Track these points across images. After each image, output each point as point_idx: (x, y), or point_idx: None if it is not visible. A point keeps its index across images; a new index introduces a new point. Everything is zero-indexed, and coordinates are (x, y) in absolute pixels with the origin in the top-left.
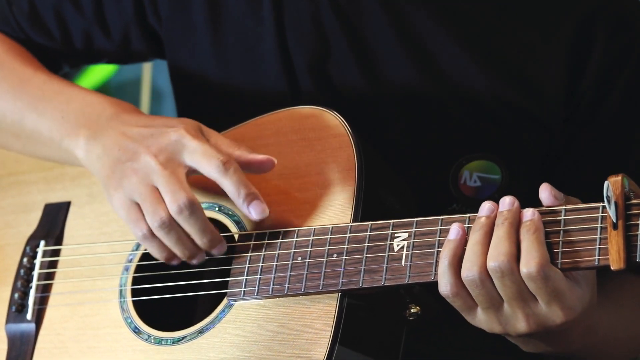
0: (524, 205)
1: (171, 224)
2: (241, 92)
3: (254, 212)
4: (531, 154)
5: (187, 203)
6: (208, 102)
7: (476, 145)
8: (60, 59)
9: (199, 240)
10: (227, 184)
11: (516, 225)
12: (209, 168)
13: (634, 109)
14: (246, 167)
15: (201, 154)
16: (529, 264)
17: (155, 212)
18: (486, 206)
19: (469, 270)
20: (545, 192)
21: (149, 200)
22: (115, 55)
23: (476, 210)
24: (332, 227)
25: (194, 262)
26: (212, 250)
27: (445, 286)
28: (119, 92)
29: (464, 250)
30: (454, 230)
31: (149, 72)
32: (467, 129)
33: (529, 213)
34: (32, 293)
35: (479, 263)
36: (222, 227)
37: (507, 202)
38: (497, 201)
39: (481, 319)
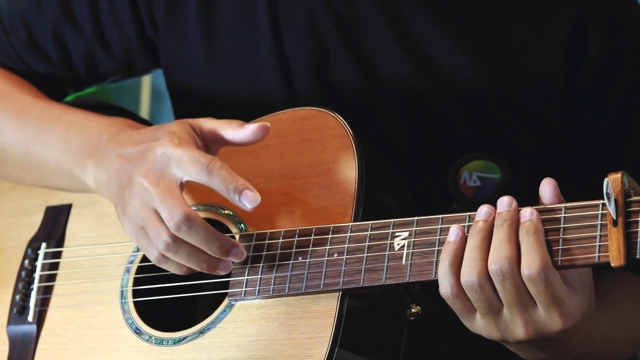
0: (523, 204)
1: (176, 243)
2: (238, 98)
3: (247, 201)
4: (531, 153)
5: (182, 218)
6: (206, 110)
7: (475, 145)
8: (64, 84)
9: (208, 249)
10: (215, 182)
11: (515, 227)
12: (196, 174)
13: (631, 107)
14: (246, 139)
15: (187, 162)
16: (530, 267)
17: (158, 235)
18: (483, 210)
19: (468, 275)
20: (549, 189)
21: (150, 224)
22: (118, 73)
23: (476, 210)
24: (333, 227)
25: (220, 272)
26: (231, 257)
27: (445, 288)
28: (119, 92)
29: (464, 250)
30: (454, 232)
31: None
32: (466, 128)
33: (527, 213)
34: (34, 295)
35: (477, 268)
36: (223, 228)
37: (505, 202)
38: (497, 201)
39: (480, 324)
